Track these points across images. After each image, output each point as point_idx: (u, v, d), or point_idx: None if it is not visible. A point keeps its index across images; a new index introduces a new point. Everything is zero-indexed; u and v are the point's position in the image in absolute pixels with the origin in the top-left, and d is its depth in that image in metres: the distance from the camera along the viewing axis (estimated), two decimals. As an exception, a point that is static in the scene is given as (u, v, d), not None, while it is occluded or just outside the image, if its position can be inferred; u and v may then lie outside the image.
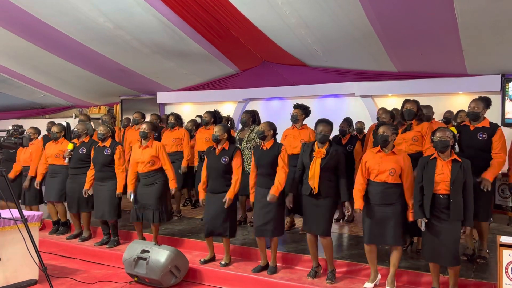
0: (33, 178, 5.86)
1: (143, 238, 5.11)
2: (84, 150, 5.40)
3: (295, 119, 5.26)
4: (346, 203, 4.01)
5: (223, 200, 4.35)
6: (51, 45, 7.75)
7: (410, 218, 3.73)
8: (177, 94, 9.73)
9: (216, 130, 4.52)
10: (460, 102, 7.16)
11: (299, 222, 5.57)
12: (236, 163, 4.46)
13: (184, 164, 6.16)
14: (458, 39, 5.89)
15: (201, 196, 4.64)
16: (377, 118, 5.39)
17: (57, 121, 6.63)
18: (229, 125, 6.41)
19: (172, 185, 4.98)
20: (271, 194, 4.11)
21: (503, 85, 6.88)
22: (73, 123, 8.65)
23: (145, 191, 4.90)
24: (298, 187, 4.17)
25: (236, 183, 4.42)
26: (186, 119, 7.75)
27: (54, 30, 7.10)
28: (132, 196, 4.93)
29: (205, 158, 4.65)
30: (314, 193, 3.95)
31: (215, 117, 6.15)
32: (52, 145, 5.74)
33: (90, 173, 5.26)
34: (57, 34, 7.23)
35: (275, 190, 4.12)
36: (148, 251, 4.34)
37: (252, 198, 4.42)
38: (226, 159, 4.44)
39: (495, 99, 6.85)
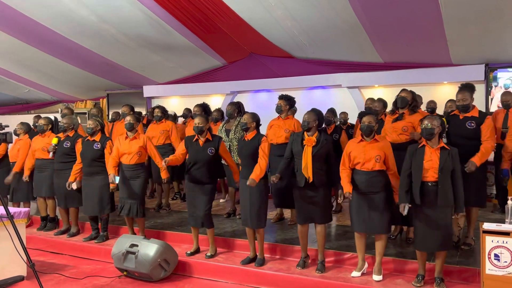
0: (17, 174, 5.77)
1: (134, 232, 5.10)
2: (68, 144, 5.35)
3: (279, 110, 5.29)
4: (340, 191, 3.95)
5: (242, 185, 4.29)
6: (34, 39, 7.63)
7: (397, 200, 3.75)
8: (164, 87, 9.67)
9: (198, 121, 4.48)
10: (445, 91, 7.24)
11: (287, 213, 5.61)
12: (225, 154, 4.64)
13: None
14: (443, 29, 5.95)
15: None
16: (366, 108, 5.43)
17: (43, 116, 6.55)
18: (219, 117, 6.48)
19: (164, 175, 4.86)
20: (251, 178, 4.03)
21: (487, 74, 6.98)
22: (59, 118, 8.57)
23: (128, 185, 4.87)
24: (284, 174, 4.17)
25: (235, 169, 4.69)
26: (177, 111, 7.76)
27: (37, 24, 6.99)
28: (116, 178, 4.78)
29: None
30: (310, 182, 3.96)
31: (205, 110, 6.15)
32: (38, 139, 5.66)
33: (76, 167, 5.20)
34: (40, 28, 7.12)
35: (255, 175, 4.05)
36: (137, 245, 4.34)
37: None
38: (213, 150, 4.45)
39: (479, 88, 6.93)
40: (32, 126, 7.10)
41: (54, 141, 5.40)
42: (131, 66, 8.73)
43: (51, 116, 6.14)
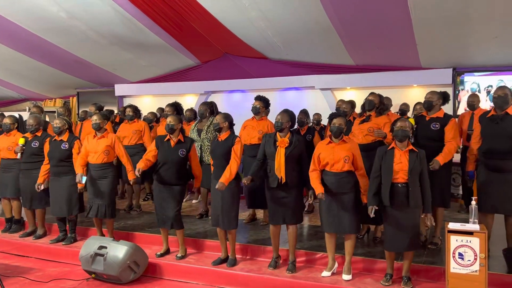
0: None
1: (102, 234, 5.00)
2: (37, 144, 5.21)
3: (256, 111, 5.28)
4: (310, 192, 3.99)
5: (193, 190, 4.45)
6: (1, 35, 7.38)
7: (365, 201, 3.81)
8: (137, 86, 9.54)
9: (171, 120, 4.44)
10: (415, 94, 7.41)
11: (259, 214, 5.62)
12: (194, 158, 4.60)
13: None
14: (412, 33, 6.09)
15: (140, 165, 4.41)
16: (337, 109, 5.50)
17: (7, 114, 6.34)
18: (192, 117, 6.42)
19: (130, 176, 4.84)
20: (220, 182, 4.01)
21: (454, 78, 7.19)
22: (27, 116, 8.33)
23: (96, 185, 4.78)
24: (257, 176, 4.16)
25: (200, 176, 4.74)
26: (146, 112, 7.62)
27: (4, 19, 6.77)
28: (83, 178, 4.67)
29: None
30: (282, 182, 3.97)
31: (177, 109, 6.08)
32: (3, 138, 5.49)
33: (44, 167, 5.06)
34: (8, 24, 6.90)
35: (224, 178, 4.04)
36: (105, 247, 4.25)
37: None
38: (184, 152, 4.40)
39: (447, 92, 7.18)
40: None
41: (21, 141, 5.23)
42: (102, 64, 8.56)
43: (16, 114, 5.95)
